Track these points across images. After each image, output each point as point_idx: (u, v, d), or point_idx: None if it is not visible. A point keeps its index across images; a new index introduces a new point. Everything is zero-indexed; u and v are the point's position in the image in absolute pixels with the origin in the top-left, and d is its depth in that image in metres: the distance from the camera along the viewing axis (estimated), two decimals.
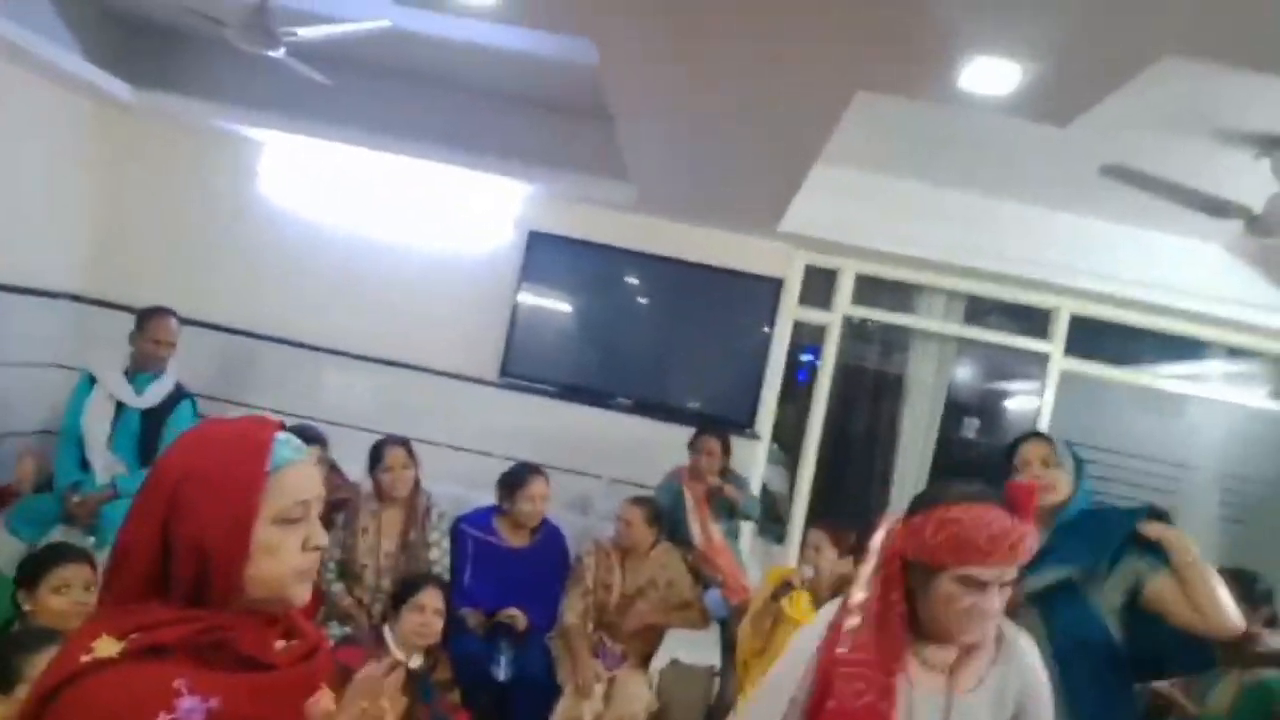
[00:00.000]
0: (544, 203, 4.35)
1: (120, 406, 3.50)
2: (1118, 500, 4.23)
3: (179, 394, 3.61)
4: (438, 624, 2.81)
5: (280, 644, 1.08)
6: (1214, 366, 4.30)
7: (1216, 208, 2.86)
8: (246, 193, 4.39)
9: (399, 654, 2.72)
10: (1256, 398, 4.28)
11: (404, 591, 2.83)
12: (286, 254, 4.39)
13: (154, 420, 3.53)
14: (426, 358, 4.35)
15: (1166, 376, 4.32)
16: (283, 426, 1.12)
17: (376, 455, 3.46)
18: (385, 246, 4.40)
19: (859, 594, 1.56)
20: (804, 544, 3.27)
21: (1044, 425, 4.24)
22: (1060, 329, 4.23)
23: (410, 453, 3.48)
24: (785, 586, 3.18)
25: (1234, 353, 4.26)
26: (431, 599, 2.79)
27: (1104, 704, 2.07)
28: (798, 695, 1.55)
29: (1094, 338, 4.26)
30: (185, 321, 3.68)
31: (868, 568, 1.56)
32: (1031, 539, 1.44)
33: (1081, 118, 2.34)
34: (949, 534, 1.42)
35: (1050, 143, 3.03)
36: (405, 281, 4.38)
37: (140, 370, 3.55)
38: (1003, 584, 1.44)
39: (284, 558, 1.05)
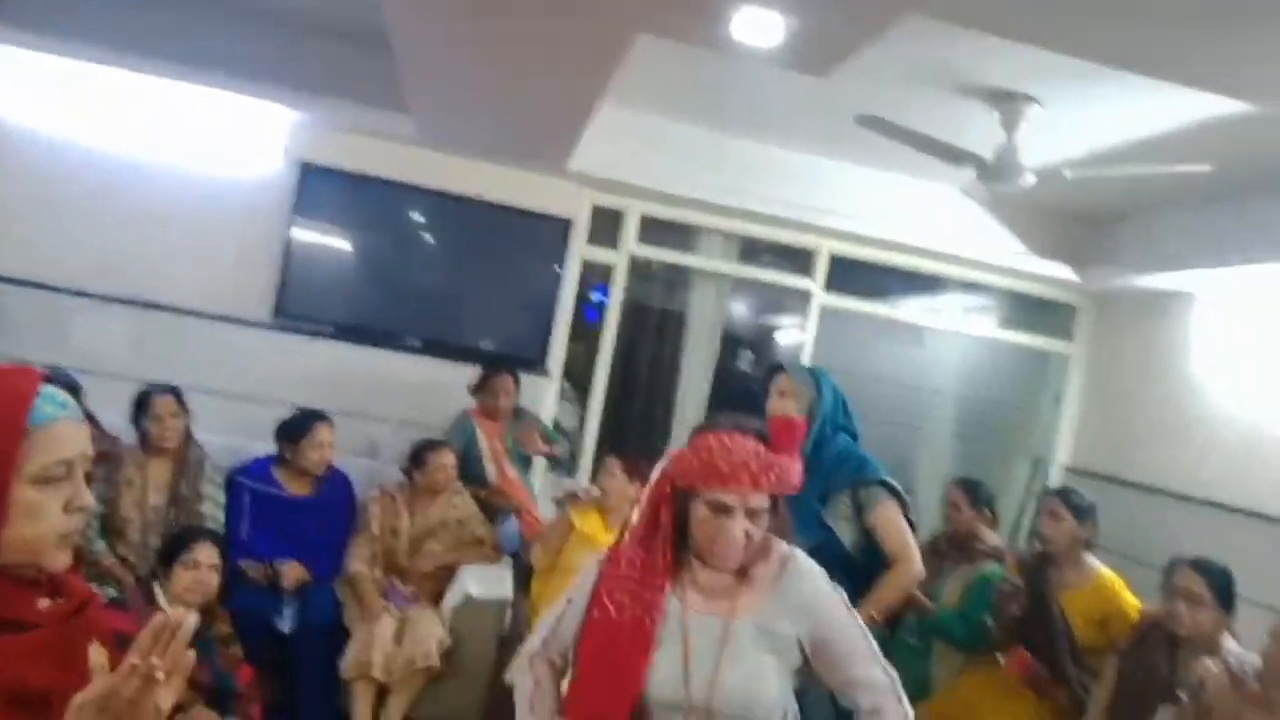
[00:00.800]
0: (316, 132, 4.10)
1: None
2: (869, 422, 4.68)
3: None
4: (213, 580, 2.70)
5: (44, 602, 1.00)
6: (951, 300, 4.83)
7: (954, 156, 3.18)
8: None
9: (170, 611, 2.58)
10: (986, 327, 4.86)
11: (174, 547, 2.70)
12: (27, 184, 3.89)
13: None
14: (191, 298, 4.03)
15: (911, 309, 4.80)
16: (48, 379, 1.03)
17: (142, 404, 3.23)
18: (141, 176, 3.99)
19: (636, 517, 1.65)
20: (600, 470, 3.40)
21: (807, 356, 4.60)
22: (821, 267, 4.58)
23: (180, 401, 3.27)
24: (570, 497, 3.31)
25: (968, 287, 4.80)
26: (205, 554, 2.68)
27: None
28: (576, 599, 1.63)
29: (850, 275, 4.65)
30: None
31: (645, 492, 1.66)
32: (784, 471, 1.50)
33: (839, 70, 2.52)
34: (700, 459, 1.50)
35: (813, 93, 3.24)
36: (165, 215, 4.01)
37: None
38: (750, 510, 1.49)
39: (44, 520, 0.97)
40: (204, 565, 2.67)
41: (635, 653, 1.50)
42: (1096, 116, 3.14)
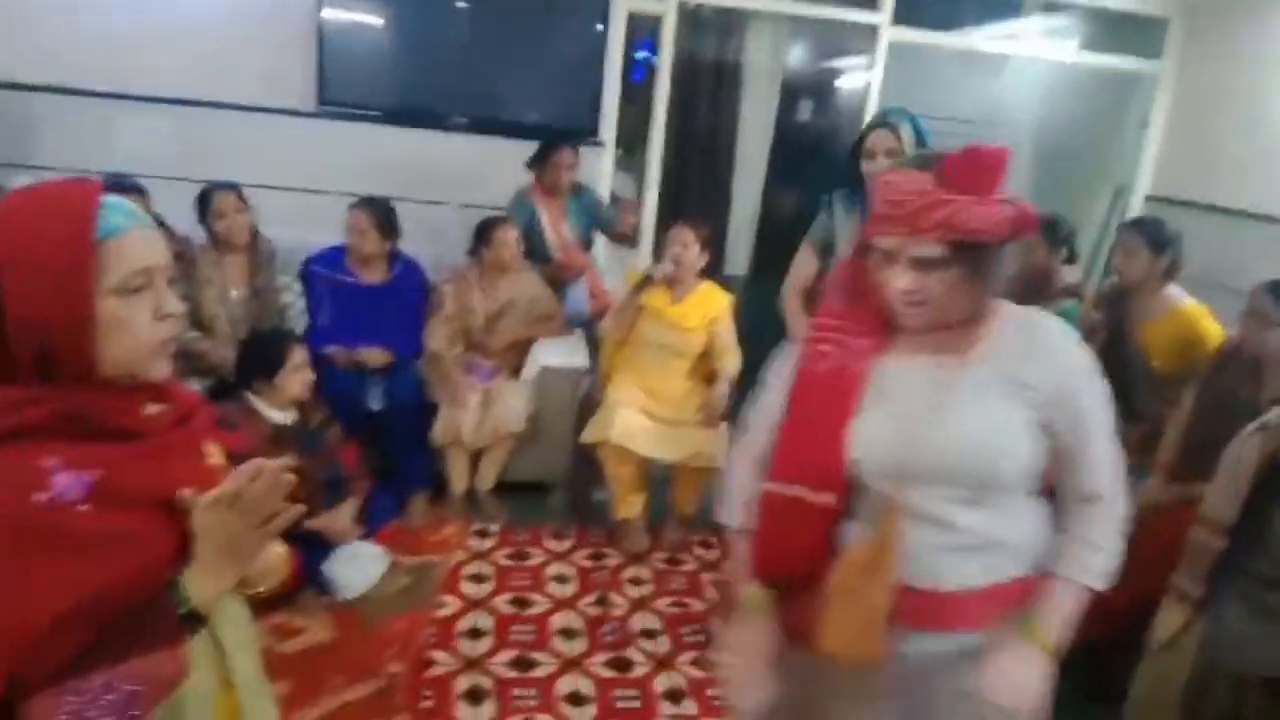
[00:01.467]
0: None
1: None
2: None
3: None
4: (311, 376, 2.83)
5: (152, 408, 1.03)
6: (1030, 23, 4.42)
7: None
8: None
9: (274, 415, 2.74)
10: (1067, 51, 4.48)
11: (271, 356, 2.76)
12: None
13: None
14: (231, 92, 3.94)
15: (987, 37, 4.43)
16: (109, 187, 1.00)
17: (205, 203, 3.28)
18: None
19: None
20: (669, 241, 3.36)
21: (873, 100, 4.33)
22: None
23: (241, 197, 3.31)
24: (646, 280, 3.32)
25: (1048, 7, 4.37)
26: (300, 355, 2.79)
27: None
28: (773, 382, 1.43)
29: (919, 4, 4.26)
30: None
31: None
32: (955, 213, 1.16)
33: None
34: (874, 200, 1.27)
35: None
36: (192, 7, 3.84)
37: None
38: (915, 259, 1.20)
39: (135, 331, 0.97)
40: (304, 366, 2.79)
41: (842, 403, 1.29)
42: None
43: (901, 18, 4.25)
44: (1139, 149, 4.53)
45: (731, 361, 3.34)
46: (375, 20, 4.04)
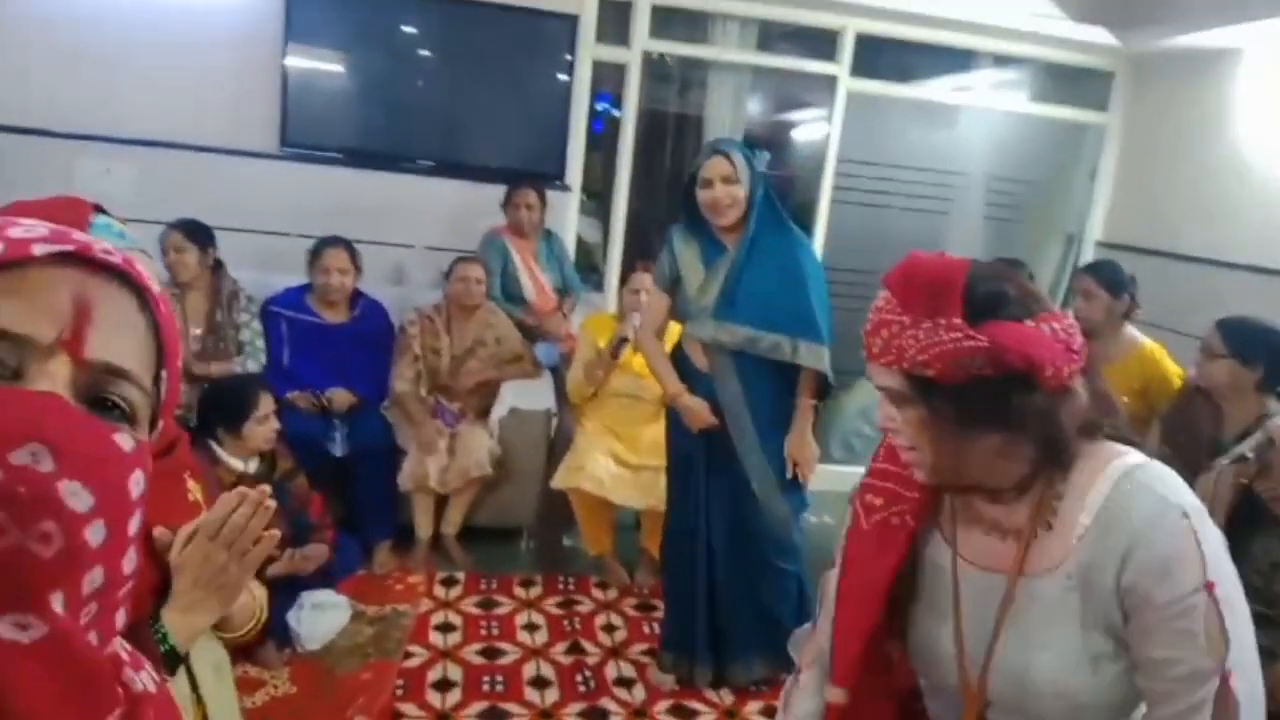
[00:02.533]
0: None
1: None
2: (899, 210, 4.59)
3: None
4: (277, 424, 2.74)
5: None
6: (982, 76, 4.58)
7: None
8: None
9: (236, 464, 2.65)
10: (1018, 102, 4.63)
11: (237, 404, 2.65)
12: (11, 31, 3.67)
13: None
14: (195, 134, 3.89)
15: (941, 89, 4.57)
16: (98, 209, 0.97)
17: (162, 244, 3.26)
18: (127, 12, 3.74)
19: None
20: (629, 288, 3.37)
21: (833, 146, 4.43)
22: (847, 49, 4.32)
23: (188, 235, 3.29)
24: (622, 343, 3.30)
25: (999, 61, 4.53)
26: (267, 403, 2.69)
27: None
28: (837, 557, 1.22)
29: (877, 56, 4.39)
30: None
31: None
32: (891, 336, 0.98)
33: None
34: None
35: None
36: (156, 50, 3.77)
37: None
38: (879, 385, 1.02)
39: None
40: (271, 414, 2.70)
41: (885, 562, 1.09)
42: None
43: (859, 69, 4.37)
44: (1089, 197, 4.69)
45: None
46: (338, 67, 4.03)
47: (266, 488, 1.00)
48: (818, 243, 4.52)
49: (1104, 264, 3.15)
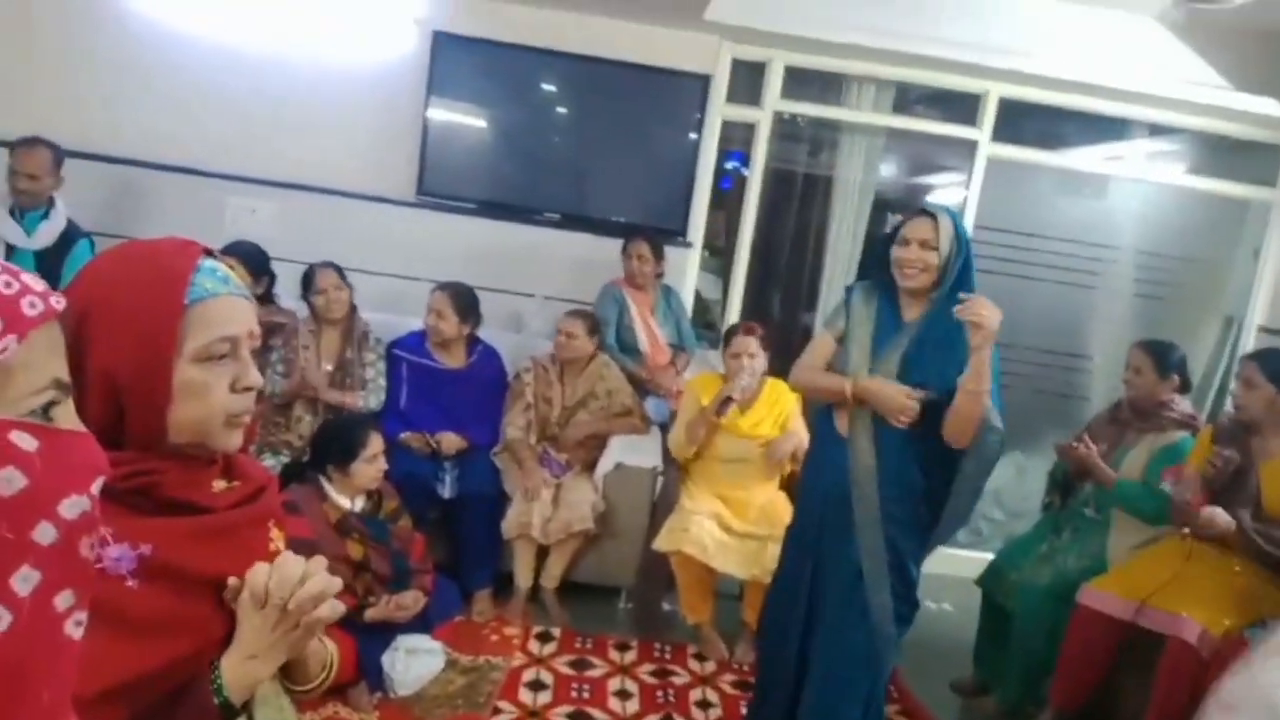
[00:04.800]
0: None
1: (11, 250, 3.29)
2: (1040, 281, 4.35)
3: (73, 233, 3.40)
4: (385, 464, 2.77)
5: (220, 484, 0.98)
6: (1135, 146, 4.32)
7: None
8: (113, 6, 3.91)
9: (343, 502, 2.68)
10: (1174, 174, 4.34)
11: (349, 443, 2.69)
12: (170, 74, 3.96)
13: (50, 262, 3.30)
14: (336, 179, 4.08)
15: (1090, 158, 4.34)
16: (209, 252, 0.98)
17: (308, 280, 3.45)
18: (276, 60, 3.99)
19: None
20: (732, 352, 3.27)
21: (971, 214, 4.25)
22: (989, 114, 4.15)
23: (341, 275, 3.47)
24: (727, 402, 3.21)
25: (1155, 130, 4.27)
26: (377, 443, 2.73)
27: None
28: None
29: (1020, 122, 4.21)
30: (70, 154, 3.43)
31: None
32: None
33: None
34: None
35: None
36: (304, 99, 4.02)
37: (26, 209, 3.31)
38: None
39: (211, 400, 0.93)
40: (380, 455, 2.74)
41: None
42: None
43: (1001, 134, 4.19)
44: (1252, 278, 4.33)
45: (802, 434, 3.21)
46: (478, 115, 4.17)
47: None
48: None
49: (1271, 353, 2.87)
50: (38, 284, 0.62)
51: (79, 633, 0.60)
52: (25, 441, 0.56)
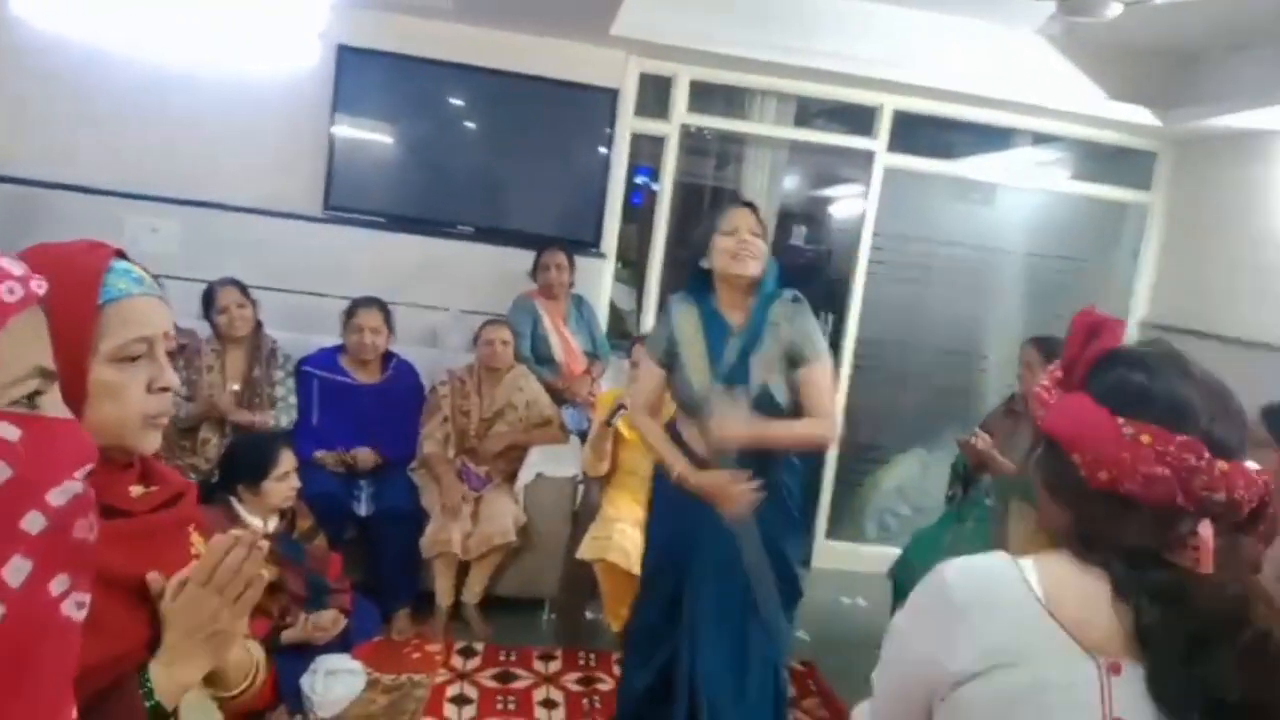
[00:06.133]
0: (353, 13, 3.94)
1: None
2: (936, 285, 4.55)
3: None
4: (298, 482, 2.72)
5: (137, 490, 0.97)
6: (1022, 154, 4.57)
7: None
8: (6, 19, 3.74)
9: (255, 522, 2.62)
10: (1058, 181, 4.61)
11: (259, 461, 2.62)
12: (67, 91, 3.82)
13: None
14: (241, 196, 3.98)
15: (980, 166, 4.56)
16: (120, 254, 0.98)
17: (209, 298, 3.34)
18: (180, 76, 3.87)
19: None
20: (634, 360, 3.32)
21: (870, 223, 4.42)
22: (884, 126, 4.34)
23: (244, 291, 3.38)
24: (618, 408, 3.27)
25: (1039, 139, 4.53)
26: (289, 460, 2.68)
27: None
28: None
29: (914, 133, 4.40)
30: None
31: None
32: None
33: None
34: None
35: None
36: (207, 113, 3.91)
37: None
38: None
39: (127, 400, 0.93)
40: (291, 472, 2.69)
41: None
42: None
43: (897, 145, 4.38)
44: (1133, 277, 4.61)
45: None
46: (385, 129, 4.13)
47: (258, 527, 0.96)
48: (853, 316, 4.48)
49: (1149, 343, 3.07)
50: (16, 268, 0.61)
51: (80, 614, 0.60)
52: (8, 432, 0.56)
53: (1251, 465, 0.91)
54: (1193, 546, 0.92)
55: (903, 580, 3.33)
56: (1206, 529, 0.92)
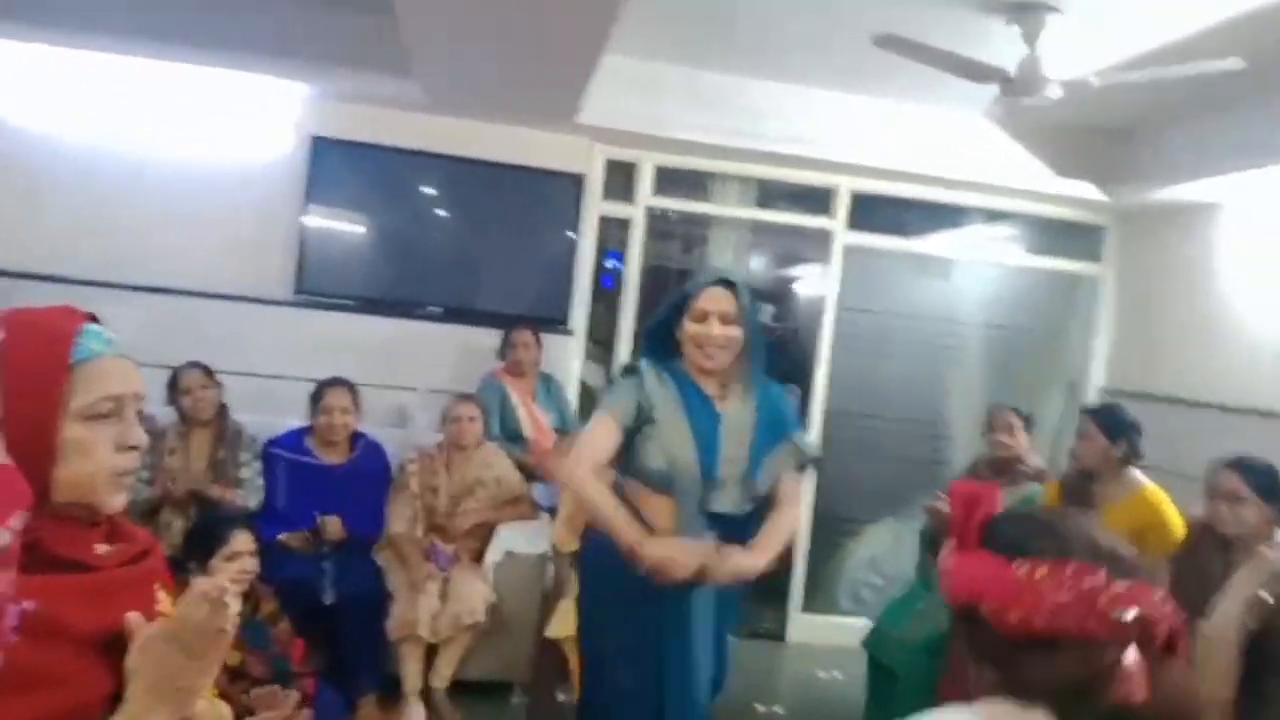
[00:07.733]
0: (325, 105, 4.07)
1: None
2: (896, 357, 4.65)
3: None
4: (254, 565, 2.68)
5: (103, 548, 0.99)
6: (977, 230, 4.74)
7: (976, 72, 3.08)
8: None
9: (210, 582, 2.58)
10: (1012, 254, 4.77)
11: (208, 539, 2.60)
12: (36, 181, 3.88)
13: None
14: (211, 281, 4.02)
15: (936, 243, 4.72)
16: (92, 318, 1.03)
17: (173, 382, 3.36)
18: (151, 164, 3.97)
19: None
20: None
21: (832, 299, 4.54)
22: (842, 205, 4.50)
23: (209, 374, 3.39)
24: None
25: (993, 215, 4.70)
26: (243, 541, 2.63)
27: None
28: None
29: (872, 212, 4.56)
30: None
31: None
32: None
33: None
34: None
35: (823, 22, 3.21)
36: (178, 201, 3.98)
37: None
38: None
39: (96, 458, 0.96)
40: (244, 553, 2.64)
41: None
42: (1118, 22, 3.05)
43: (855, 223, 4.53)
44: (1088, 345, 4.74)
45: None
46: (357, 215, 4.23)
47: (225, 580, 0.98)
48: (820, 389, 4.56)
49: (1104, 407, 3.16)
50: None
51: None
52: None
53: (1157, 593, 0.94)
54: (1122, 679, 0.96)
55: (877, 651, 3.31)
56: (1131, 657, 0.95)
